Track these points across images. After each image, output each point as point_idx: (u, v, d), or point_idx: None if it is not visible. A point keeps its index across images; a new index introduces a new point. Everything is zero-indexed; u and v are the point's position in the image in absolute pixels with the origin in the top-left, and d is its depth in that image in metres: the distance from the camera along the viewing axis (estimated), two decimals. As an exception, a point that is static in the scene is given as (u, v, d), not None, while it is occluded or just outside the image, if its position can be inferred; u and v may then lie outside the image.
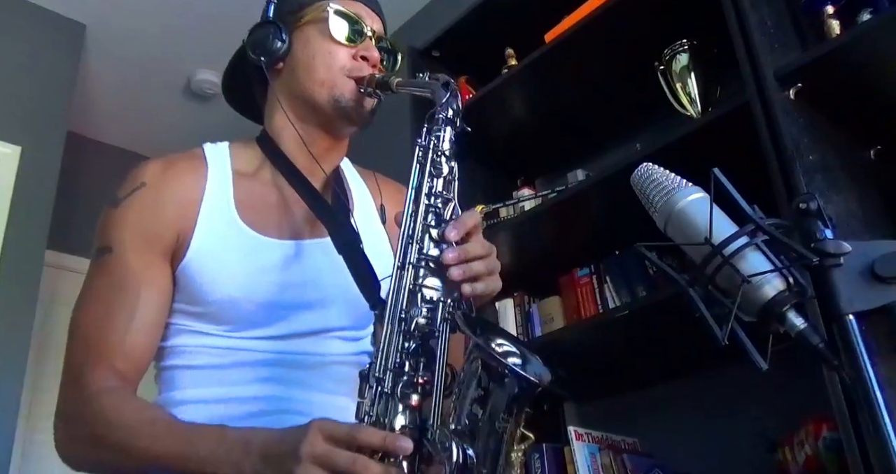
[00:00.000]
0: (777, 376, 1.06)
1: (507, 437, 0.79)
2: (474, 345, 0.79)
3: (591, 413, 2.14)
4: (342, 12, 1.10)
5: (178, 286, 1.01)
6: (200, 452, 0.84)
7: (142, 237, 1.00)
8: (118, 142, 4.08)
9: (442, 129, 0.95)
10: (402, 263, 0.87)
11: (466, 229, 0.89)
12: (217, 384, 1.00)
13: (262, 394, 0.99)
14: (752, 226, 0.70)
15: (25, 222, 2.87)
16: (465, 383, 0.79)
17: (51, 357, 3.25)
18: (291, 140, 1.10)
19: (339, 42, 1.08)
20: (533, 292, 2.24)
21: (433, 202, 0.91)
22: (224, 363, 1.00)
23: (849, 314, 0.66)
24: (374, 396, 0.81)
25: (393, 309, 0.85)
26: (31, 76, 3.16)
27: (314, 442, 0.75)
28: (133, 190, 1.03)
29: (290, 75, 1.11)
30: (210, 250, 1.01)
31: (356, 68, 1.08)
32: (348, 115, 1.08)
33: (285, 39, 1.09)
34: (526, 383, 0.78)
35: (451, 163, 0.94)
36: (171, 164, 1.06)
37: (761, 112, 1.48)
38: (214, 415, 0.94)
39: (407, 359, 0.83)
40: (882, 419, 0.62)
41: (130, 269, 0.99)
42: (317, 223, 1.07)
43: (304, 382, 1.02)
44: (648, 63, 1.98)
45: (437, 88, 0.97)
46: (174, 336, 1.02)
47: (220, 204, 1.04)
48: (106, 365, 0.94)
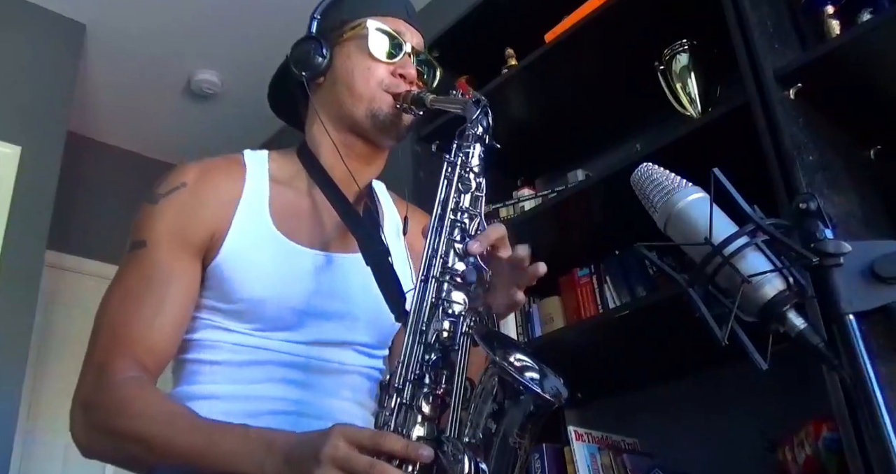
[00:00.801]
0: (777, 376, 1.06)
1: (522, 452, 0.80)
2: (491, 361, 0.80)
3: (591, 413, 2.14)
4: (382, 29, 1.12)
5: (209, 283, 1.03)
6: (222, 449, 0.84)
7: (176, 234, 1.02)
8: (118, 142, 4.09)
9: (472, 146, 0.99)
10: (426, 276, 0.89)
11: (490, 242, 0.91)
12: (235, 381, 1.01)
13: (278, 395, 1.01)
14: (752, 226, 0.70)
15: (25, 222, 2.87)
16: (482, 397, 0.80)
17: (51, 357, 3.25)
18: (329, 152, 1.13)
19: (378, 58, 1.11)
20: (533, 292, 2.23)
21: (459, 217, 0.93)
22: (244, 360, 1.02)
23: (849, 314, 0.66)
24: (394, 406, 0.82)
25: (415, 321, 0.87)
26: (31, 76, 3.16)
27: (336, 445, 0.76)
28: (173, 188, 1.05)
29: (330, 89, 1.14)
30: (243, 251, 1.03)
31: (394, 84, 1.11)
32: (385, 128, 1.11)
33: (326, 55, 1.12)
34: (542, 401, 0.79)
35: (479, 179, 0.97)
36: (211, 168, 1.09)
37: (761, 112, 1.48)
38: (229, 412, 0.95)
39: (427, 371, 0.84)
40: (882, 419, 0.62)
41: (161, 264, 1.00)
42: (347, 237, 1.09)
43: (321, 387, 1.04)
44: (648, 63, 1.98)
45: (468, 105, 1.01)
46: (200, 330, 1.04)
47: (255, 208, 1.06)
48: (130, 356, 0.95)
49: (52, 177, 3.05)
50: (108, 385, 0.93)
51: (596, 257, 2.11)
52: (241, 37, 3.41)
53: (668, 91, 1.95)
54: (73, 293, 3.53)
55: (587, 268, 2.13)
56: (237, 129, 3.71)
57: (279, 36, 2.04)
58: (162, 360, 0.99)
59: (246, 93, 3.62)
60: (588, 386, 2.13)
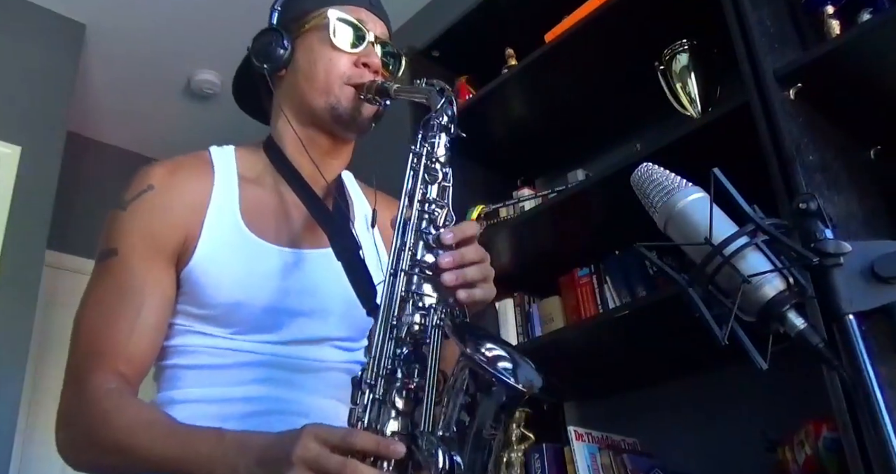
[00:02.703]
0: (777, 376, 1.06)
1: (496, 444, 0.79)
2: (462, 353, 0.79)
3: (591, 413, 2.15)
4: (343, 19, 1.10)
5: (183, 288, 1.02)
6: (198, 453, 0.84)
7: (148, 240, 1.00)
8: (118, 142, 4.09)
9: (437, 135, 0.96)
10: (395, 270, 0.88)
11: (464, 236, 0.90)
12: (216, 384, 1.01)
13: (259, 395, 1.00)
14: (752, 226, 0.70)
15: (25, 222, 2.87)
16: (455, 390, 0.80)
17: (51, 357, 3.25)
18: (294, 146, 1.11)
19: (341, 49, 1.09)
20: (533, 292, 2.24)
21: (427, 208, 0.91)
22: (224, 363, 1.01)
23: (849, 314, 0.66)
24: (367, 402, 0.82)
25: (385, 315, 0.86)
26: (31, 76, 3.16)
27: (307, 445, 0.75)
28: (140, 192, 1.03)
29: (291, 82, 1.12)
30: (215, 254, 1.01)
31: (356, 75, 1.09)
32: (345, 121, 1.09)
33: (287, 47, 1.10)
34: (513, 391, 0.78)
35: (445, 169, 0.94)
36: (178, 167, 1.07)
37: (761, 112, 1.48)
38: (212, 414, 0.95)
39: (399, 366, 0.83)
40: (882, 419, 0.62)
41: (135, 273, 0.99)
42: (317, 232, 1.08)
43: (300, 385, 1.03)
44: (648, 63, 1.98)
45: (433, 94, 0.98)
46: (177, 336, 1.03)
47: (225, 208, 1.05)
48: (108, 368, 0.94)
49: (52, 177, 3.05)
50: (88, 400, 0.92)
51: (596, 257, 2.11)
52: (241, 37, 3.38)
53: (668, 91, 1.95)
54: (73, 293, 3.48)
55: (587, 268, 2.13)
56: (237, 129, 3.69)
57: (279, 36, 2.04)
58: (142, 370, 0.98)
59: (246, 93, 3.62)
60: (588, 386, 2.14)
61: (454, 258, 0.87)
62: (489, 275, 0.91)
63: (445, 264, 0.86)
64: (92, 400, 0.92)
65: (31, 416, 3.16)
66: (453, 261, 0.87)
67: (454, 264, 0.87)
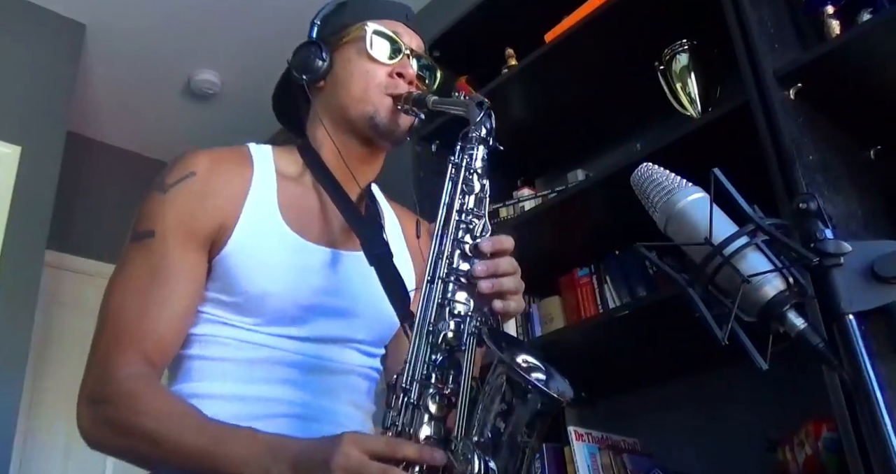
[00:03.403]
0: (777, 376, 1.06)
1: (530, 452, 0.80)
2: (499, 361, 0.81)
3: (591, 413, 2.14)
4: (380, 32, 1.13)
5: (214, 275, 1.03)
6: (229, 451, 0.84)
7: (185, 225, 1.01)
8: (118, 142, 4.09)
9: (475, 148, 0.99)
10: (432, 277, 0.90)
11: (501, 247, 0.92)
12: (235, 380, 1.00)
13: (280, 397, 1.00)
14: (752, 226, 0.70)
15: (25, 222, 2.87)
16: (490, 396, 0.81)
17: (51, 357, 3.25)
18: (329, 151, 1.13)
19: (377, 60, 1.12)
20: (533, 292, 2.24)
21: (464, 218, 0.94)
22: (245, 358, 1.01)
23: (849, 314, 0.66)
24: (401, 405, 0.83)
25: (421, 321, 0.87)
26: (31, 76, 3.16)
27: (348, 453, 0.76)
28: (182, 177, 1.04)
29: (330, 93, 1.15)
30: (250, 244, 1.02)
31: (392, 85, 1.11)
32: (383, 131, 1.11)
33: (326, 59, 1.13)
34: (549, 400, 0.79)
35: (482, 180, 0.98)
36: (220, 157, 1.09)
37: (761, 112, 1.48)
38: (229, 413, 0.94)
39: (434, 371, 0.85)
40: (882, 419, 0.62)
41: (170, 256, 0.99)
42: (351, 235, 1.10)
43: (317, 387, 1.03)
44: (648, 63, 1.98)
45: (471, 107, 1.01)
46: (200, 324, 1.03)
47: (263, 201, 1.06)
48: (137, 350, 0.94)
49: (52, 176, 3.05)
50: (115, 379, 0.92)
51: (596, 257, 2.11)
52: (241, 37, 3.41)
53: (668, 91, 1.95)
54: (73, 293, 3.53)
55: (587, 268, 2.13)
56: (237, 129, 3.71)
57: (279, 36, 2.05)
58: (167, 355, 0.99)
59: (246, 93, 3.62)
60: (588, 386, 2.14)
61: (489, 266, 0.89)
62: (521, 288, 0.93)
63: (480, 272, 0.89)
64: (120, 381, 0.92)
65: (31, 416, 3.16)
66: (488, 269, 0.89)
67: (489, 273, 0.89)
